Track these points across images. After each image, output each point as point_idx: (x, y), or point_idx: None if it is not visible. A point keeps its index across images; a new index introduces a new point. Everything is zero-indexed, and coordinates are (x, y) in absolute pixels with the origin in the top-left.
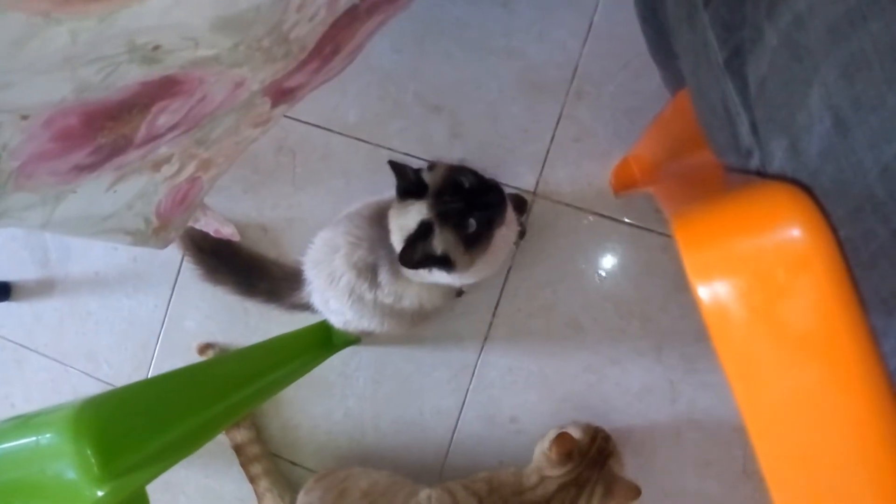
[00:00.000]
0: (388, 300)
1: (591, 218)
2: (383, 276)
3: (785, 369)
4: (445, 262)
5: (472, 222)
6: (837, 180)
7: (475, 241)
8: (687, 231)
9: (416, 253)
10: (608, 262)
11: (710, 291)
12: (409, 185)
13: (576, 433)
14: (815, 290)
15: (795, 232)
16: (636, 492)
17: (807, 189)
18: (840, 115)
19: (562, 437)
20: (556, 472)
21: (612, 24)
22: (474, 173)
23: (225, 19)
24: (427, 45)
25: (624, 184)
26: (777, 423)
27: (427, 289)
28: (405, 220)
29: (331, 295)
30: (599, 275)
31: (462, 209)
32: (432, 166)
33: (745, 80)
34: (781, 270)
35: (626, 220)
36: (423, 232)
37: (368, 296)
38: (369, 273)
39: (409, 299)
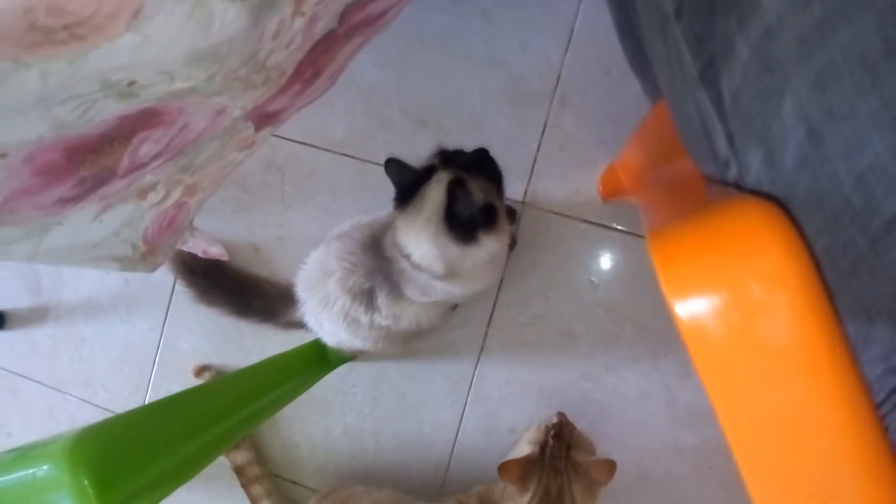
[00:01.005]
0: (386, 322)
1: (581, 226)
2: (382, 300)
3: (764, 386)
4: (490, 213)
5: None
6: (814, 190)
7: (491, 208)
8: (662, 249)
9: (466, 210)
10: (600, 269)
11: (686, 309)
12: (405, 185)
13: (525, 447)
14: (791, 306)
15: (770, 247)
16: (612, 467)
17: (781, 204)
18: (813, 126)
19: (503, 469)
20: (524, 499)
21: (593, 31)
22: (458, 151)
23: (198, 53)
24: (410, 59)
25: (612, 191)
26: (758, 438)
27: (425, 308)
28: (429, 202)
29: (325, 317)
30: (592, 282)
31: (475, 162)
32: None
33: (719, 92)
34: (757, 287)
35: (617, 226)
36: (455, 195)
37: (364, 319)
38: (365, 297)
39: (408, 320)
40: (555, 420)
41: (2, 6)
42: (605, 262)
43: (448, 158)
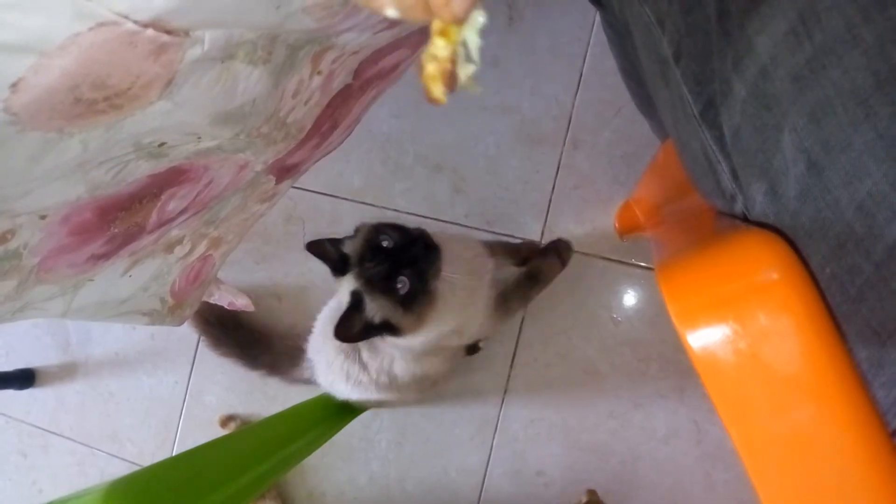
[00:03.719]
0: (383, 378)
1: (599, 263)
2: (365, 355)
3: (775, 412)
4: (389, 328)
5: (403, 280)
6: (817, 220)
7: (414, 299)
8: (670, 280)
9: (354, 325)
10: (621, 305)
11: (696, 338)
12: (334, 262)
13: None
14: (796, 332)
15: (773, 276)
16: None
17: (783, 234)
18: (812, 158)
19: None
20: None
21: (601, 73)
22: (396, 228)
23: (224, 114)
24: (424, 107)
25: (628, 227)
26: (773, 462)
27: (415, 358)
28: (342, 296)
29: (332, 378)
30: (614, 319)
31: (387, 271)
32: (357, 230)
33: (720, 130)
34: (762, 314)
35: (635, 261)
36: (356, 303)
37: (364, 377)
38: (356, 355)
39: (402, 371)
40: (584, 500)
41: (52, 85)
42: (627, 298)
43: (373, 250)
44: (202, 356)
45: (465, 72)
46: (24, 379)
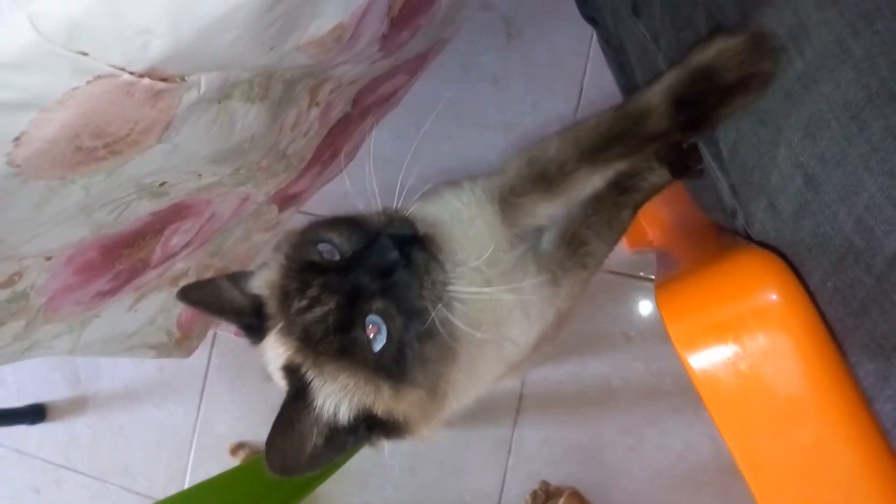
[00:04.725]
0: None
1: (607, 277)
2: None
3: (779, 431)
4: (377, 427)
5: (375, 323)
6: (817, 234)
7: (405, 356)
8: (669, 302)
9: (302, 440)
10: (632, 320)
11: (697, 360)
12: (236, 316)
13: None
14: (796, 351)
15: (772, 297)
16: None
17: (781, 254)
18: (809, 173)
19: None
20: None
21: (601, 86)
22: (344, 223)
23: (223, 152)
24: (426, 127)
25: (636, 240)
26: (778, 481)
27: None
28: (276, 380)
29: None
30: (625, 334)
31: (340, 310)
32: (277, 248)
33: (717, 146)
34: (762, 335)
35: (644, 274)
36: (297, 392)
37: None
38: None
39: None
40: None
41: (54, 137)
42: (637, 312)
43: (302, 276)
44: (211, 386)
45: None
46: (35, 414)
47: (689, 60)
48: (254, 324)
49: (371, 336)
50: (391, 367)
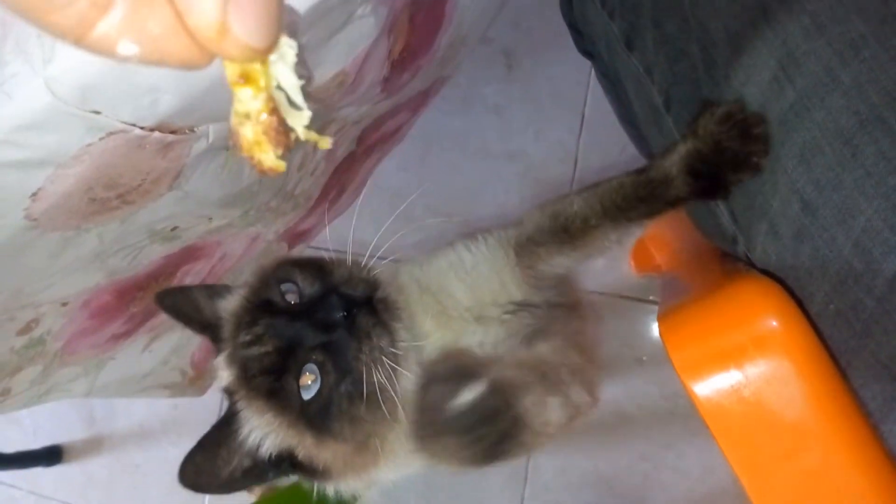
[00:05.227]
0: None
1: (617, 302)
2: None
3: (784, 457)
4: (301, 469)
5: (312, 372)
6: (817, 258)
7: (335, 414)
8: (672, 331)
9: (219, 462)
10: (644, 344)
11: (701, 388)
12: (202, 329)
13: None
14: (798, 377)
15: (772, 324)
16: None
17: (780, 280)
18: (805, 198)
19: None
20: None
21: (603, 113)
22: (311, 265)
23: (232, 196)
24: (430, 159)
25: (644, 265)
26: None
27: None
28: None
29: None
30: (638, 358)
31: (280, 353)
32: (255, 274)
33: None
34: (764, 361)
35: (653, 298)
36: (230, 416)
37: None
38: None
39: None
40: None
41: (68, 191)
42: (649, 336)
43: (253, 313)
44: None
45: (299, 121)
46: (51, 456)
47: (696, 131)
48: (214, 339)
49: (308, 383)
50: (315, 419)
